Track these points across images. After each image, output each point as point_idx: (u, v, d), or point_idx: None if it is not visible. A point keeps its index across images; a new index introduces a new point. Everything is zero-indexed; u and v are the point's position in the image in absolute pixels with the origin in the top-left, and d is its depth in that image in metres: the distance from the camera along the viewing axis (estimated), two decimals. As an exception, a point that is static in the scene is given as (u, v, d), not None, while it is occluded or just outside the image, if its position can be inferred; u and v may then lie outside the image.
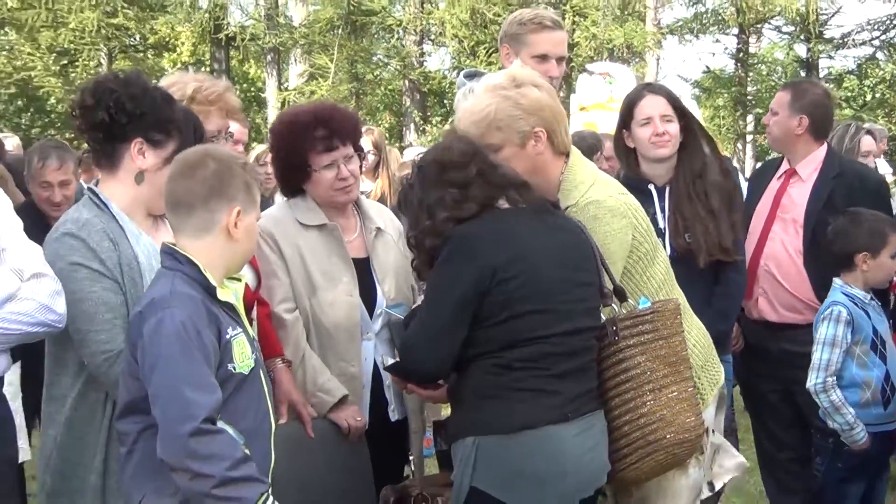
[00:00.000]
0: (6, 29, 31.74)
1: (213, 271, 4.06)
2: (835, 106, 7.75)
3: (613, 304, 4.85)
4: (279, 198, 7.53)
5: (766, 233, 7.10)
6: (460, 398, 4.70)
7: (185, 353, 3.86)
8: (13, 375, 5.20)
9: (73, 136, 11.69)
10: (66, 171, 7.53)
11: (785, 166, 7.23)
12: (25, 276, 4.24)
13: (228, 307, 4.10)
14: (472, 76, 6.51)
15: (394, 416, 5.66)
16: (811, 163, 7.08)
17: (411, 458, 5.83)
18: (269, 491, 3.94)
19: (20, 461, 5.00)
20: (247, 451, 3.94)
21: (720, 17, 32.01)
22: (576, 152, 5.29)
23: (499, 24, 18.93)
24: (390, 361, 5.13)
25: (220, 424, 3.89)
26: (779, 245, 7.03)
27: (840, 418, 6.34)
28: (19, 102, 37.48)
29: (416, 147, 14.21)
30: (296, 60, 30.46)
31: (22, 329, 4.23)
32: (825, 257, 6.69)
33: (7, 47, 33.52)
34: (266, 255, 5.42)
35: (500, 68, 6.45)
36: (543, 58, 6.30)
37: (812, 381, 6.39)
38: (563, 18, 24.54)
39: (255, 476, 3.91)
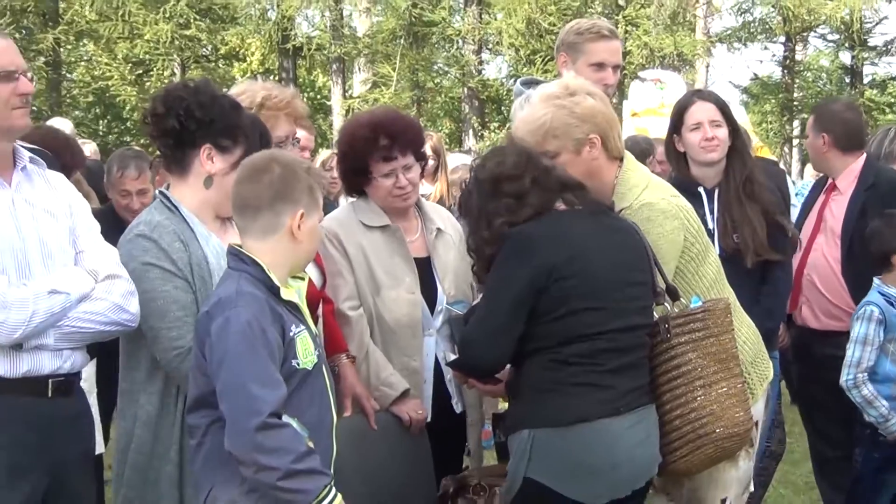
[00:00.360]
0: (85, 41, 31.98)
1: (277, 271, 4.06)
2: (862, 114, 7.68)
3: (666, 303, 4.84)
4: (343, 200, 7.54)
5: (810, 245, 7.11)
6: (518, 392, 4.69)
7: (251, 351, 3.87)
8: (88, 372, 5.22)
9: (147, 142, 11.78)
10: (143, 180, 7.55)
11: (829, 181, 7.24)
12: (100, 277, 4.28)
13: (292, 306, 4.10)
14: (528, 84, 6.45)
15: (458, 408, 5.66)
16: (848, 175, 7.09)
17: (469, 449, 5.83)
18: (332, 483, 3.94)
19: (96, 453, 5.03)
20: (310, 444, 3.94)
21: (767, 26, 31.93)
22: (629, 157, 5.27)
23: (554, 33, 18.89)
24: (451, 357, 5.13)
25: (286, 419, 3.89)
26: (820, 256, 7.05)
27: (874, 411, 6.31)
28: (97, 110, 37.78)
29: (457, 154, 14.10)
30: (360, 69, 30.57)
31: (96, 327, 4.26)
32: (864, 262, 6.65)
33: (86, 58, 33.82)
34: (331, 255, 5.41)
35: (556, 76, 6.44)
36: (600, 66, 6.26)
37: (843, 377, 6.38)
38: (617, 28, 24.48)
39: (318, 469, 3.91)
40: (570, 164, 4.97)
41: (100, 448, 5.08)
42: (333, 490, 3.92)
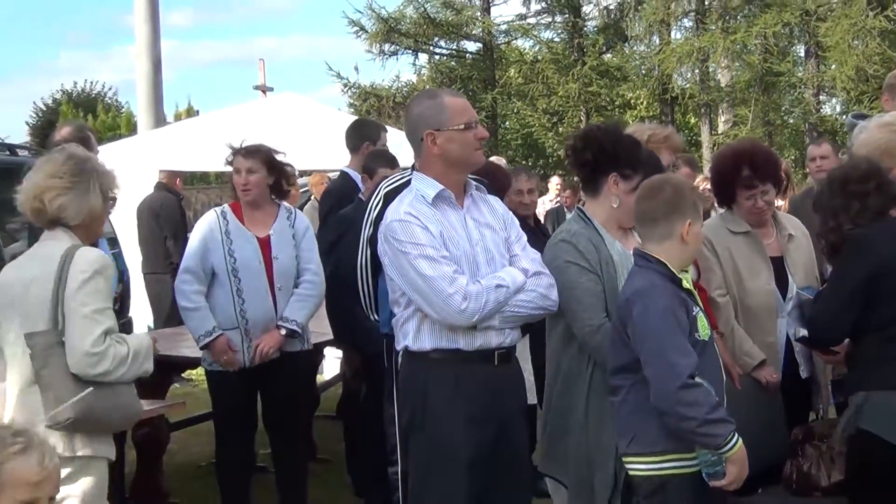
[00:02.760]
0: (514, 99, 32.69)
1: (673, 268, 4.07)
2: None
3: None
4: (713, 213, 7.48)
5: None
6: (855, 362, 4.55)
7: (668, 329, 3.90)
8: (523, 345, 5.37)
9: (562, 172, 12.03)
10: (532, 181, 7.79)
11: None
12: (530, 273, 4.37)
13: (688, 292, 4.10)
14: (858, 117, 6.29)
15: (803, 374, 5.48)
16: None
17: (816, 405, 5.67)
18: (735, 429, 3.90)
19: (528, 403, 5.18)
20: (717, 399, 3.92)
21: None
22: (945, 172, 5.01)
23: (878, 78, 18.02)
24: (800, 334, 5.03)
25: (697, 379, 3.88)
26: None
27: None
28: (523, 151, 38.67)
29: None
30: (723, 112, 30.03)
31: (528, 312, 4.35)
32: None
33: (515, 111, 34.58)
34: (705, 255, 5.34)
35: (880, 111, 6.23)
36: None
37: None
38: (932, 72, 23.06)
39: (727, 418, 3.88)
40: (900, 179, 4.77)
41: (532, 400, 5.25)
42: (736, 435, 3.88)
